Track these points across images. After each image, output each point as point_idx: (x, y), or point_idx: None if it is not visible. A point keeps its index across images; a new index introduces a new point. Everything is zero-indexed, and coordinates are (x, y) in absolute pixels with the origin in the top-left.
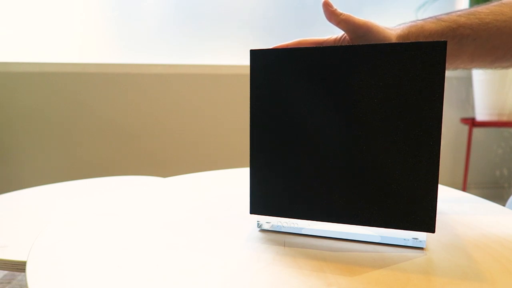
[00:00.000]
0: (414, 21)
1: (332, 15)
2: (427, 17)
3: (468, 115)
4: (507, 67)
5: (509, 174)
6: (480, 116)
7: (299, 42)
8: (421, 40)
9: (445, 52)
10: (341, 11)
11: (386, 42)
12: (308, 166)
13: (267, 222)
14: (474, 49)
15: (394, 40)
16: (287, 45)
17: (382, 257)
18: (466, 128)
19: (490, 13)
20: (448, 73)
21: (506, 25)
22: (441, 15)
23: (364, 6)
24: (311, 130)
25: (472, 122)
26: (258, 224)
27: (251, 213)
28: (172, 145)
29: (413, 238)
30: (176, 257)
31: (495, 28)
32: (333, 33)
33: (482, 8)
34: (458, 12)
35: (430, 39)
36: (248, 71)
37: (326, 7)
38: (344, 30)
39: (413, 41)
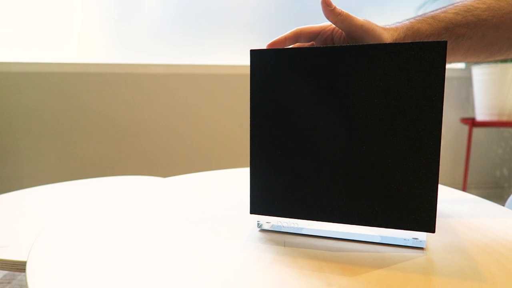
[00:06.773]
0: (410, 21)
1: (331, 14)
2: (424, 13)
3: (468, 115)
4: (500, 60)
5: (509, 174)
6: (480, 116)
7: (296, 33)
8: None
9: (445, 52)
10: (340, 10)
11: (385, 43)
12: (308, 166)
13: (267, 222)
14: (469, 47)
15: None
16: (285, 37)
17: (382, 257)
18: (466, 128)
19: (487, 9)
20: (448, 73)
21: (503, 20)
22: (438, 10)
23: (364, 5)
24: (311, 130)
25: (472, 122)
26: (258, 224)
27: (251, 213)
28: (172, 145)
29: (413, 238)
30: (176, 257)
31: (491, 24)
32: None
33: (479, 3)
34: (456, 9)
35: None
36: (248, 71)
37: (325, 6)
38: (341, 29)
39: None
